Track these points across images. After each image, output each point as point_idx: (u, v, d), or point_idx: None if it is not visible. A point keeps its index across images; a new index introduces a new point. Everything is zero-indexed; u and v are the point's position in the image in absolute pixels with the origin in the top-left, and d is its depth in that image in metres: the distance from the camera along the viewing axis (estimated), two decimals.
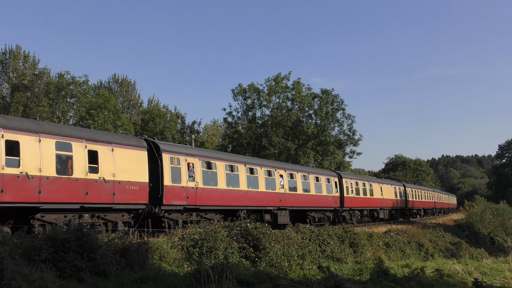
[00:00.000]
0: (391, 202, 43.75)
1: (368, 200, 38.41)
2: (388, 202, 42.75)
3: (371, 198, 38.85)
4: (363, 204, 37.45)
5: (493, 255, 29.75)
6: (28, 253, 9.83)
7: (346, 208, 34.21)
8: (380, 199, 40.81)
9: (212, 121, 65.93)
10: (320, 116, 45.85)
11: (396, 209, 45.86)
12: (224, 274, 10.51)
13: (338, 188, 33.01)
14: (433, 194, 65.83)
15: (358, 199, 36.20)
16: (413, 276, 15.65)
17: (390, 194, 43.60)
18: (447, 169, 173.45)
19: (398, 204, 45.81)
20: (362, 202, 37.19)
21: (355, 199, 35.68)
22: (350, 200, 34.56)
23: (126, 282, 10.28)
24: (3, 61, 39.55)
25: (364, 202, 37.61)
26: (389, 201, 42.93)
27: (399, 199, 46.39)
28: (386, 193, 42.37)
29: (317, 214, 30.61)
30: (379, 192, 40.62)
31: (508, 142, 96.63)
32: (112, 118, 36.58)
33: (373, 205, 39.35)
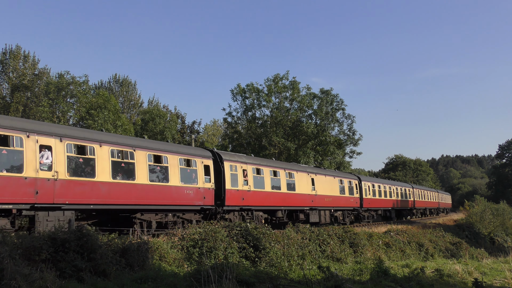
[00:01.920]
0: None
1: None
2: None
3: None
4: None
5: (493, 255, 29.74)
6: (28, 253, 9.83)
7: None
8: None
9: (212, 121, 66.02)
10: (320, 116, 45.85)
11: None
12: (224, 274, 10.51)
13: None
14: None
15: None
16: (413, 276, 15.65)
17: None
18: (447, 169, 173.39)
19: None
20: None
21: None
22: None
23: (126, 282, 10.28)
24: (3, 61, 39.56)
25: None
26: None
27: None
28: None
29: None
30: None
31: (508, 142, 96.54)
32: (112, 118, 36.59)
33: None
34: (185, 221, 20.04)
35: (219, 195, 21.45)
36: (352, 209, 35.28)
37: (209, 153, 21.92)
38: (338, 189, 32.85)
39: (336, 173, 34.36)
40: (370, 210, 39.02)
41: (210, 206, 20.79)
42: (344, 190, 33.84)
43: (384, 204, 41.92)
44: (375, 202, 39.69)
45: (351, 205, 34.79)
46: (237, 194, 22.41)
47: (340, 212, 33.62)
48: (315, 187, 29.43)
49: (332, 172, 33.97)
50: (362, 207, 36.66)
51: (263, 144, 45.03)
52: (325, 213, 30.82)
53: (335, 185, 32.56)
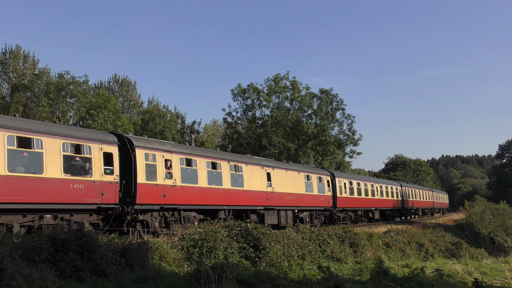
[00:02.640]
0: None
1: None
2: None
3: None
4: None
5: (493, 255, 29.73)
6: (28, 253, 9.83)
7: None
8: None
9: (212, 121, 66.05)
10: (320, 116, 45.85)
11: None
12: (224, 274, 10.51)
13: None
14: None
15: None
16: (413, 276, 15.65)
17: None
18: (447, 169, 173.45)
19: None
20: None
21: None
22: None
23: (126, 282, 10.29)
24: (3, 61, 39.55)
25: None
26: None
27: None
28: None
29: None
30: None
31: (508, 142, 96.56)
32: (112, 118, 36.60)
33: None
34: None
35: (129, 190, 17.26)
36: (323, 209, 31.05)
37: (113, 137, 17.50)
38: (303, 186, 28.50)
39: (301, 168, 30.08)
40: (346, 210, 34.73)
41: (112, 204, 16.42)
42: (312, 187, 29.67)
43: (365, 203, 37.78)
44: (353, 201, 35.46)
45: (321, 204, 30.48)
46: (155, 190, 18.01)
47: (307, 213, 29.35)
48: (271, 183, 25.27)
49: (296, 167, 29.50)
50: (336, 207, 32.42)
51: (263, 144, 45.04)
52: (286, 214, 26.61)
53: (299, 181, 28.24)
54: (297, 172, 28.40)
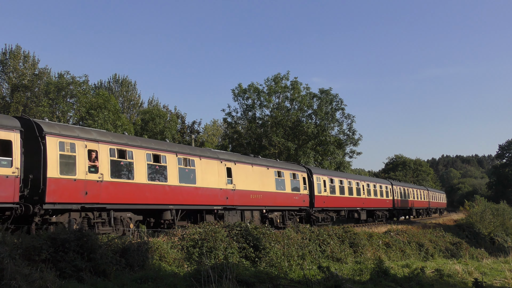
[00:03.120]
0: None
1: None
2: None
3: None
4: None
5: (493, 255, 29.75)
6: (28, 253, 9.84)
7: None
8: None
9: (212, 121, 66.07)
10: (320, 116, 45.87)
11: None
12: (224, 274, 10.52)
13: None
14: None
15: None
16: (413, 276, 15.65)
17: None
18: (447, 169, 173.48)
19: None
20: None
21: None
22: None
23: (126, 282, 10.29)
24: (3, 61, 39.56)
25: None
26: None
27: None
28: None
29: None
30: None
31: (508, 142, 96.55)
32: (112, 118, 36.62)
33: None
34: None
35: (37, 187, 14.44)
36: (297, 209, 28.22)
37: (13, 121, 14.42)
38: (273, 183, 25.72)
39: (271, 163, 27.04)
40: (326, 210, 31.64)
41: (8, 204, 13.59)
42: (284, 185, 26.85)
43: (350, 203, 34.64)
44: (334, 200, 32.39)
45: (295, 204, 27.69)
46: (73, 186, 15.16)
47: (278, 213, 26.54)
48: (233, 180, 22.38)
49: (265, 161, 26.57)
50: (314, 206, 29.54)
51: (263, 144, 45.07)
52: (251, 215, 23.98)
53: (268, 178, 25.40)
54: (265, 168, 25.51)
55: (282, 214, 26.92)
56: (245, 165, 23.86)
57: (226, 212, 22.00)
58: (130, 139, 18.15)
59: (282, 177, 26.81)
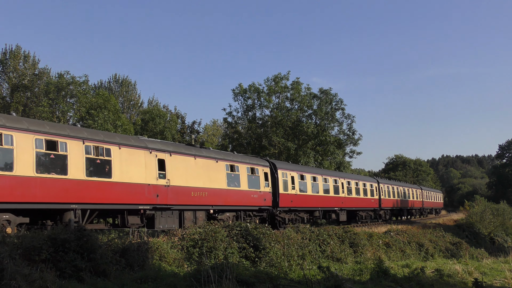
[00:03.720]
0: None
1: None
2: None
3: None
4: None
5: (493, 255, 29.75)
6: (28, 253, 9.84)
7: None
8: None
9: (212, 121, 66.10)
10: (320, 116, 45.89)
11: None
12: (224, 274, 10.52)
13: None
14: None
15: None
16: (413, 276, 15.65)
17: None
18: (447, 169, 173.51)
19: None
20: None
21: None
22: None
23: (126, 282, 10.29)
24: (3, 61, 39.57)
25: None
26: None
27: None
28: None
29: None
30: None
31: (508, 142, 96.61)
32: (112, 118, 36.65)
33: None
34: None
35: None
36: (257, 209, 24.74)
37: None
38: (224, 179, 22.17)
39: (222, 155, 23.26)
40: (295, 211, 28.31)
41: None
42: (239, 181, 23.31)
43: (325, 202, 31.24)
44: (305, 199, 28.93)
45: (254, 203, 24.26)
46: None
47: (231, 214, 23.05)
48: (166, 174, 18.83)
49: (213, 153, 22.56)
50: (279, 206, 26.09)
51: (263, 144, 45.08)
52: (194, 216, 20.42)
53: (218, 172, 21.86)
54: (213, 161, 21.75)
55: (236, 215, 23.34)
56: (185, 157, 20.03)
57: (157, 213, 18.49)
58: (10, 120, 14.20)
59: (236, 172, 23.12)
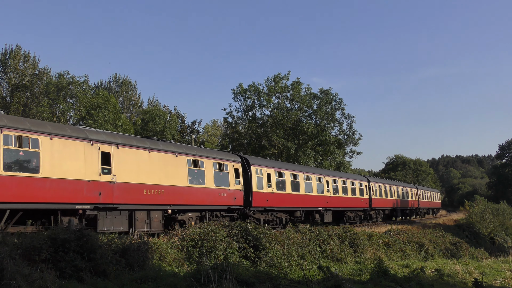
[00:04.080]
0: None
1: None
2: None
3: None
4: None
5: (493, 255, 29.77)
6: (28, 253, 9.84)
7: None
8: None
9: (212, 121, 66.12)
10: (320, 116, 45.92)
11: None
12: (224, 274, 10.52)
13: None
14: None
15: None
16: (413, 276, 15.66)
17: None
18: (447, 169, 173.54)
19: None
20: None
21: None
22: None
23: (126, 282, 10.29)
24: (3, 61, 39.59)
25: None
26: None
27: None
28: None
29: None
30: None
31: (508, 142, 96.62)
32: (112, 118, 36.68)
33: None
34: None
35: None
36: (226, 208, 22.14)
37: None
38: (185, 175, 19.63)
39: (183, 149, 20.57)
40: (272, 211, 25.81)
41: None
42: (204, 178, 20.73)
43: (307, 202, 28.76)
44: (284, 198, 26.50)
45: (221, 202, 21.74)
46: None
47: (194, 214, 20.57)
48: (112, 169, 16.55)
49: (173, 147, 19.88)
50: (252, 206, 23.61)
51: (263, 144, 45.11)
52: (148, 216, 17.94)
53: (178, 168, 19.37)
54: (172, 155, 19.22)
55: (200, 216, 20.88)
56: (136, 150, 17.60)
57: (100, 213, 16.10)
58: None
59: (201, 168, 20.61)
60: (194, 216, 20.67)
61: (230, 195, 22.30)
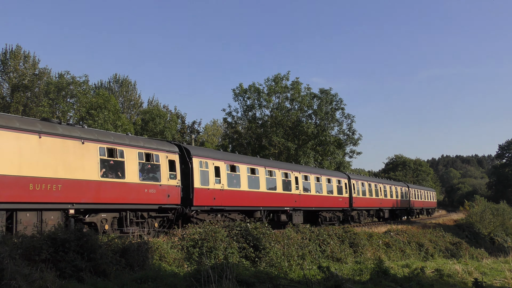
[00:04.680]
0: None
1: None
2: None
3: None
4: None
5: (493, 255, 29.75)
6: (28, 253, 9.84)
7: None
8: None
9: (212, 121, 66.17)
10: (320, 116, 45.96)
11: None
12: (224, 274, 10.52)
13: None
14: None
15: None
16: (413, 276, 15.65)
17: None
18: (447, 169, 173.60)
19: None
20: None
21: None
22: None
23: (126, 282, 10.30)
24: (3, 61, 39.60)
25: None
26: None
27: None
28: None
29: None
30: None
31: (508, 142, 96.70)
32: (112, 118, 36.71)
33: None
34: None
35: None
36: (156, 208, 18.59)
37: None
38: (96, 167, 16.08)
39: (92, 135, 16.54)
40: (223, 211, 22.29)
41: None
42: (124, 171, 17.06)
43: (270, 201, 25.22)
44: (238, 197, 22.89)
45: (150, 200, 18.13)
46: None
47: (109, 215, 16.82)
48: None
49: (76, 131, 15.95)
50: (193, 205, 20.10)
51: (263, 144, 45.14)
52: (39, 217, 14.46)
53: (84, 158, 15.76)
54: (76, 142, 15.66)
55: (119, 216, 17.32)
56: (19, 134, 13.97)
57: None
58: None
59: (119, 158, 17.00)
60: (110, 218, 16.96)
61: (161, 191, 18.62)
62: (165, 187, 18.90)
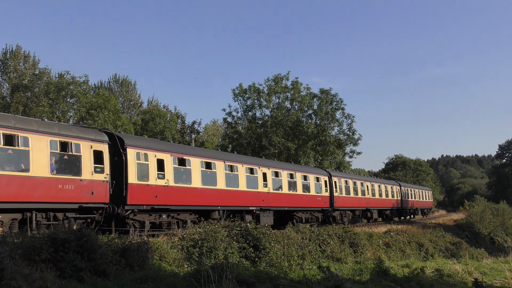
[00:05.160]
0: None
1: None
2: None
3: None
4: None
5: (493, 255, 29.77)
6: (28, 253, 9.84)
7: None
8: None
9: (212, 121, 66.16)
10: (320, 116, 45.97)
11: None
12: (224, 274, 10.52)
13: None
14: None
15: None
16: (413, 276, 15.67)
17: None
18: (447, 169, 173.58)
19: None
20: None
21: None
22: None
23: (126, 282, 10.30)
24: (3, 61, 39.60)
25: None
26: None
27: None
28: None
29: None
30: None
31: (508, 142, 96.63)
32: (112, 118, 36.69)
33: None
34: None
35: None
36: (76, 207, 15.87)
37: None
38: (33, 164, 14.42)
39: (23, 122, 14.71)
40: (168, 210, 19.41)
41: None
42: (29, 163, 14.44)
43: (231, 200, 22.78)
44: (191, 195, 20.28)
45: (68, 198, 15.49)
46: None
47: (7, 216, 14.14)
48: None
49: None
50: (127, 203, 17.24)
51: (263, 144, 45.14)
52: None
53: None
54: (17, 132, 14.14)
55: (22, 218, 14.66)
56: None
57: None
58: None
59: (21, 147, 14.38)
60: (8, 219, 14.18)
61: (83, 188, 15.85)
62: (88, 182, 16.06)
